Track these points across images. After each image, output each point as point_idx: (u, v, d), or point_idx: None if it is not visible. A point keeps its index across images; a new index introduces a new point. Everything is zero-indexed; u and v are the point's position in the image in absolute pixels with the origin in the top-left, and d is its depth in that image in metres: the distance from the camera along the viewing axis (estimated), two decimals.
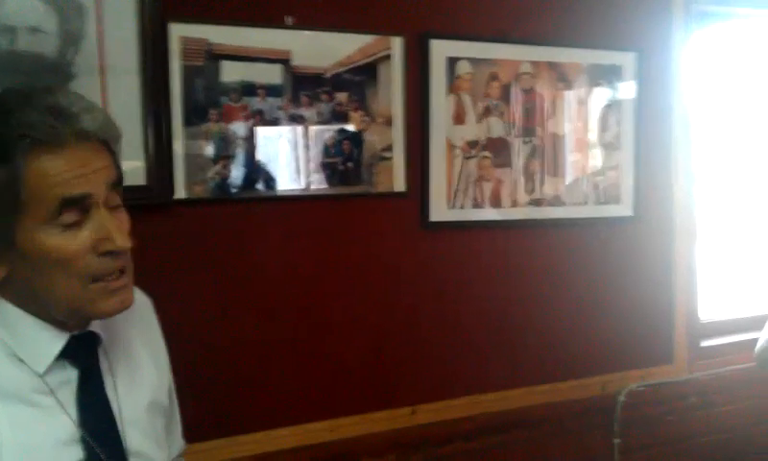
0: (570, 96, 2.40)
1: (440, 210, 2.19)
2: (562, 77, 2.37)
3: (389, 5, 2.10)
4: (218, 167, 1.90)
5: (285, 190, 1.99)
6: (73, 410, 1.11)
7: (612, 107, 2.47)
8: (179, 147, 1.85)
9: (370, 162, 2.08)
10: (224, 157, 1.91)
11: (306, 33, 1.98)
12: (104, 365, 1.19)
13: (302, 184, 2.01)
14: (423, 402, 2.20)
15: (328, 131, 2.03)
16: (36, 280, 1.05)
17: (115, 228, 1.06)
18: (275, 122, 1.96)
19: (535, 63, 2.32)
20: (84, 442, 1.10)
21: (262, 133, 1.95)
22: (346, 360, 2.09)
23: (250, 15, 1.92)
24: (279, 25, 1.95)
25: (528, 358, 2.36)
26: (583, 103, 2.43)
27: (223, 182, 1.91)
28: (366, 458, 2.12)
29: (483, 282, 2.29)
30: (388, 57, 2.09)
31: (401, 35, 2.10)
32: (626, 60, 2.48)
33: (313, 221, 2.04)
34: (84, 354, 1.15)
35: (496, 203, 2.28)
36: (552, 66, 2.35)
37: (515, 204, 2.31)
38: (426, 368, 2.20)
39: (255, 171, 1.95)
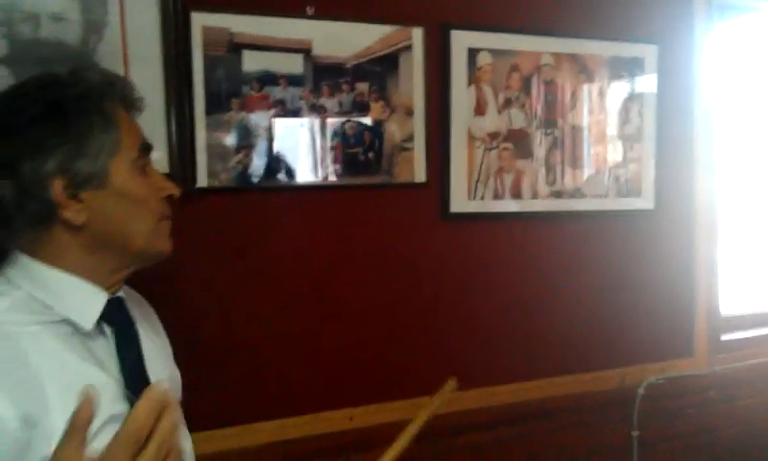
0: (591, 88, 2.39)
1: (460, 201, 2.19)
2: (583, 69, 2.36)
3: None
4: (239, 156, 1.91)
5: (305, 180, 2.00)
6: (113, 367, 1.20)
7: (633, 99, 2.46)
8: (201, 136, 1.86)
9: (390, 153, 2.08)
10: (245, 146, 1.92)
11: (327, 23, 1.98)
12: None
13: (323, 174, 2.02)
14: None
15: (349, 121, 2.03)
16: (120, 218, 1.19)
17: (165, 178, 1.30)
18: (295, 112, 1.97)
19: (556, 55, 2.32)
20: (127, 397, 1.17)
21: (283, 122, 1.96)
22: (364, 350, 2.10)
23: (271, 5, 1.92)
24: (300, 15, 1.96)
25: (547, 350, 2.35)
26: (604, 95, 2.42)
27: (244, 171, 1.92)
28: (384, 447, 2.12)
29: (502, 274, 2.28)
30: (409, 47, 2.09)
31: (422, 25, 2.10)
32: (647, 52, 2.46)
33: (333, 211, 2.05)
34: (120, 315, 1.24)
35: (517, 194, 2.28)
36: (573, 58, 2.34)
37: (535, 195, 2.31)
38: (444, 358, 2.20)
39: (276, 160, 1.96)
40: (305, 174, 2.00)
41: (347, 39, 2.01)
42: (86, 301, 1.18)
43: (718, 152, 2.65)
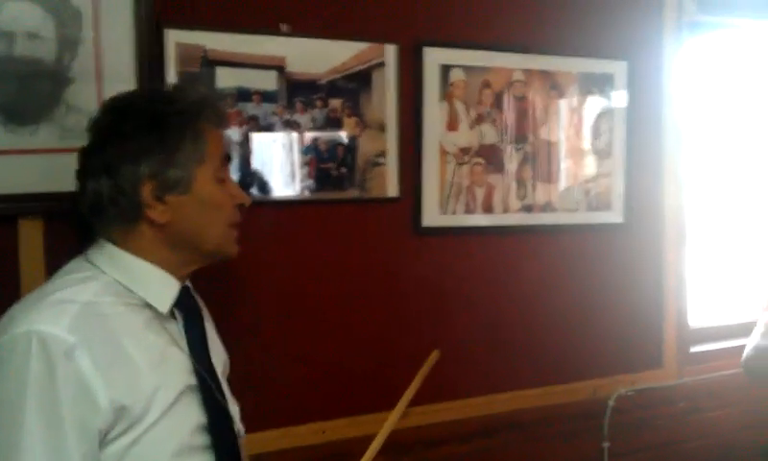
0: (562, 104, 2.43)
1: (432, 216, 2.22)
2: (554, 85, 2.40)
3: (383, 13, 2.12)
4: None
5: (279, 195, 2.02)
6: (184, 346, 1.36)
7: (603, 114, 2.50)
8: None
9: (363, 168, 2.11)
10: None
11: (301, 40, 2.01)
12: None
13: (296, 189, 2.04)
14: (416, 405, 2.21)
15: (322, 136, 2.05)
16: (198, 221, 1.35)
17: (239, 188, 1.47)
18: (269, 127, 1.99)
19: (527, 71, 2.35)
20: (197, 371, 1.35)
21: (257, 138, 1.98)
22: (338, 363, 2.11)
23: (245, 22, 1.94)
24: (275, 32, 1.98)
25: (519, 362, 2.38)
26: (575, 110, 2.45)
27: None
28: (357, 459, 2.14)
29: (475, 287, 2.31)
30: (382, 64, 2.12)
31: (395, 42, 2.13)
32: (617, 68, 2.51)
33: (306, 225, 2.06)
34: (188, 302, 1.42)
35: (488, 208, 2.31)
36: (544, 74, 2.38)
37: (506, 210, 2.34)
38: (416, 371, 2.21)
39: (250, 176, 1.98)
40: (279, 189, 2.02)
41: (320, 56, 2.04)
42: (163, 288, 1.35)
43: (687, 166, 2.69)
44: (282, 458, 2.01)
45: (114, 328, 1.24)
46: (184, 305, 1.40)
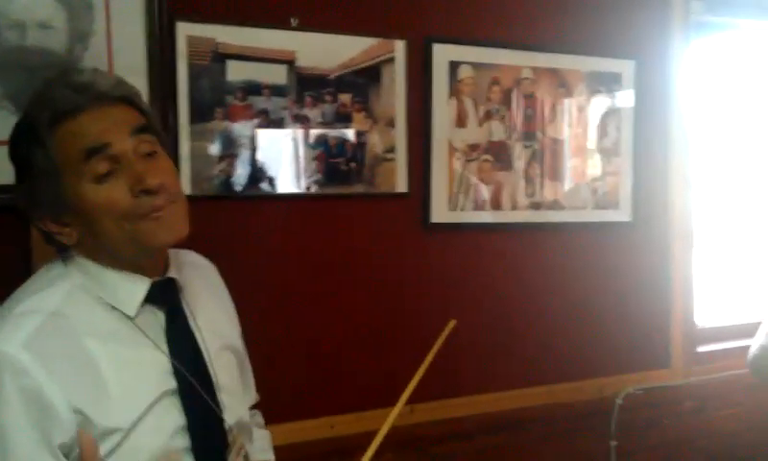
0: (570, 102, 2.43)
1: (440, 212, 2.22)
2: (562, 83, 2.41)
3: (393, 9, 2.13)
4: (222, 165, 1.93)
5: (288, 189, 2.02)
6: (164, 347, 1.25)
7: (610, 113, 2.50)
8: (185, 145, 1.88)
9: (372, 163, 2.11)
10: (228, 155, 1.94)
11: (311, 34, 2.01)
12: (185, 308, 1.32)
13: (305, 184, 2.04)
14: (422, 401, 2.21)
15: (331, 131, 2.06)
16: (98, 232, 1.18)
17: (145, 170, 1.18)
18: (279, 122, 1.99)
19: (536, 69, 2.36)
20: (177, 372, 1.23)
21: (266, 132, 1.98)
22: (344, 358, 2.11)
23: (256, 16, 1.95)
24: (285, 26, 1.98)
25: (526, 360, 2.38)
26: (582, 109, 2.46)
27: (227, 180, 1.94)
28: (363, 455, 2.13)
29: (482, 284, 2.31)
30: (391, 60, 2.12)
31: (405, 38, 2.13)
32: (625, 67, 2.51)
33: (315, 220, 2.07)
34: (167, 297, 1.28)
35: (496, 205, 2.31)
36: (553, 72, 2.38)
37: (514, 207, 2.34)
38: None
39: (259, 170, 1.98)
40: (288, 183, 2.02)
41: (330, 51, 2.04)
42: (129, 290, 1.23)
43: (694, 165, 2.69)
44: (291, 452, 1.99)
45: (80, 338, 1.16)
46: (163, 301, 1.27)
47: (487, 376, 2.32)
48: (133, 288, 1.23)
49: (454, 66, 2.22)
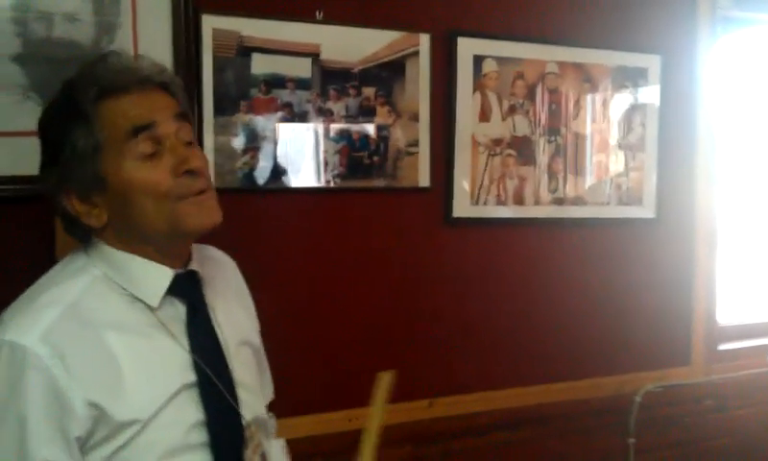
0: (595, 97, 2.41)
1: (463, 206, 2.21)
2: (587, 78, 2.39)
3: (417, 2, 2.12)
4: (246, 158, 1.93)
5: (311, 182, 2.02)
6: (184, 340, 1.24)
7: (636, 108, 2.48)
8: (209, 137, 1.88)
9: (395, 157, 2.11)
10: (252, 148, 1.94)
11: (335, 28, 2.01)
12: (206, 301, 1.32)
13: (328, 177, 2.04)
14: (441, 396, 2.22)
15: (355, 125, 2.05)
16: (132, 213, 1.18)
17: (189, 152, 1.21)
18: (303, 115, 1.99)
19: (560, 63, 2.34)
20: (197, 366, 1.23)
21: (290, 125, 1.98)
22: (364, 352, 2.11)
23: (281, 9, 1.94)
24: (310, 19, 1.98)
25: (545, 356, 2.37)
26: (607, 104, 2.44)
27: (250, 173, 1.94)
28: (383, 448, 2.14)
29: (503, 279, 2.31)
30: (415, 53, 2.11)
31: (429, 32, 2.12)
32: (651, 62, 2.49)
33: (337, 213, 2.07)
34: (189, 290, 1.28)
35: (519, 200, 2.30)
36: (577, 67, 2.37)
37: (537, 202, 2.33)
38: (445, 362, 2.22)
39: (282, 163, 1.98)
40: (311, 177, 2.02)
41: (354, 44, 2.04)
42: (152, 279, 1.23)
43: (719, 163, 2.67)
44: (312, 443, 2.01)
45: (99, 330, 1.17)
46: (184, 293, 1.27)
47: (505, 371, 2.32)
48: (157, 278, 1.23)
49: (478, 60, 2.21)
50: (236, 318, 1.41)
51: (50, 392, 1.10)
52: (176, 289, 1.25)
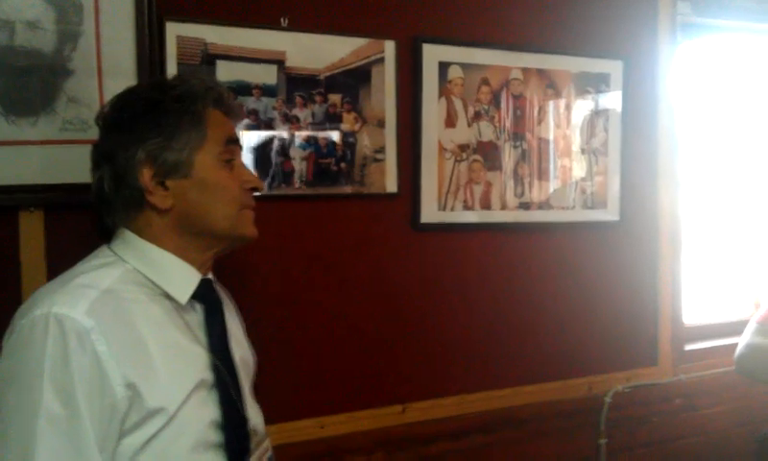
0: (559, 102, 2.44)
1: (430, 212, 2.22)
2: (551, 83, 2.41)
3: (382, 9, 2.13)
4: None
5: (278, 189, 2.02)
6: (203, 340, 1.36)
7: (599, 113, 2.51)
8: None
9: (362, 163, 2.11)
10: None
11: (301, 34, 2.01)
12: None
13: (295, 184, 2.03)
14: (413, 401, 2.22)
15: (322, 131, 2.06)
16: (203, 204, 1.34)
17: (254, 174, 1.48)
18: (269, 122, 1.99)
19: (525, 70, 2.36)
20: (215, 367, 1.34)
21: (256, 133, 1.98)
22: (334, 358, 2.11)
23: (246, 16, 1.94)
24: (274, 26, 1.98)
25: (516, 359, 2.39)
26: (571, 109, 2.46)
27: None
28: (354, 456, 2.14)
29: (472, 284, 2.31)
30: (381, 60, 2.12)
31: (394, 38, 2.13)
32: (613, 68, 2.52)
33: (305, 220, 2.07)
34: (209, 295, 1.41)
35: (486, 205, 2.31)
36: (541, 73, 2.39)
37: (504, 207, 2.34)
38: (416, 367, 2.22)
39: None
40: (278, 184, 2.01)
41: (320, 51, 2.04)
42: (182, 278, 1.35)
43: (682, 166, 2.71)
44: (281, 452, 1.99)
45: (132, 317, 1.24)
46: (205, 298, 1.39)
47: (477, 375, 2.33)
48: (188, 277, 1.35)
49: (444, 67, 2.22)
50: (238, 336, 1.54)
51: (95, 367, 1.16)
52: (198, 292, 1.37)
